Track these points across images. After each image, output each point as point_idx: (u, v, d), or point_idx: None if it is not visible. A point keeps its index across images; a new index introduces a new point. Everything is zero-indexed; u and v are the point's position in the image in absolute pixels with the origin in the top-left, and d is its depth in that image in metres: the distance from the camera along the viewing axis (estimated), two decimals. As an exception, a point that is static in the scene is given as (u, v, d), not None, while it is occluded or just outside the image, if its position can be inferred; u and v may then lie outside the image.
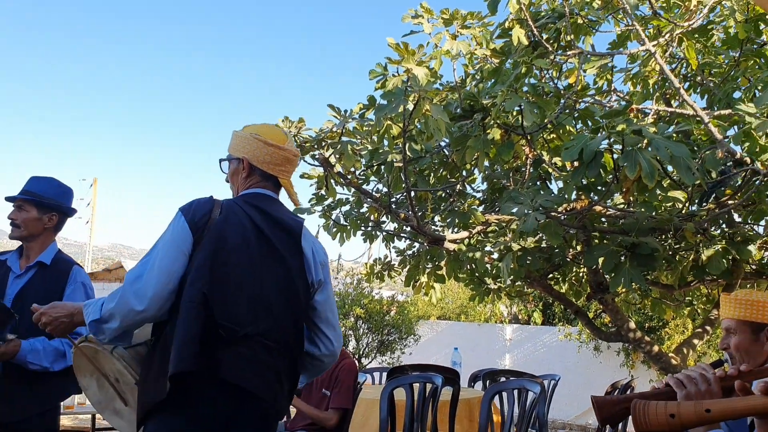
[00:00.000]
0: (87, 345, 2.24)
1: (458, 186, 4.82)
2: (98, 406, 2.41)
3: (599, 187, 4.11)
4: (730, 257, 4.44)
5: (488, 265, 5.12)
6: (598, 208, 4.41)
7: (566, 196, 4.24)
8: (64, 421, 7.67)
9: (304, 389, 4.44)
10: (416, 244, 5.78)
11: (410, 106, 3.66)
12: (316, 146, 4.52)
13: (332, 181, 4.60)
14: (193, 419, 2.06)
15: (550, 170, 4.60)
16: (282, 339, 2.21)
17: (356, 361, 4.47)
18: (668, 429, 1.17)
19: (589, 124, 4.28)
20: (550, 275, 5.54)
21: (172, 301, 2.08)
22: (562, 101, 4.07)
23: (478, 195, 5.49)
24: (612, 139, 3.42)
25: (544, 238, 4.73)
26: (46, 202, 2.98)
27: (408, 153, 4.20)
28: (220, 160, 2.43)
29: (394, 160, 4.39)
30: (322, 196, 4.89)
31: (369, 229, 5.26)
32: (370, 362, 10.48)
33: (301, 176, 5.07)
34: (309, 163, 4.71)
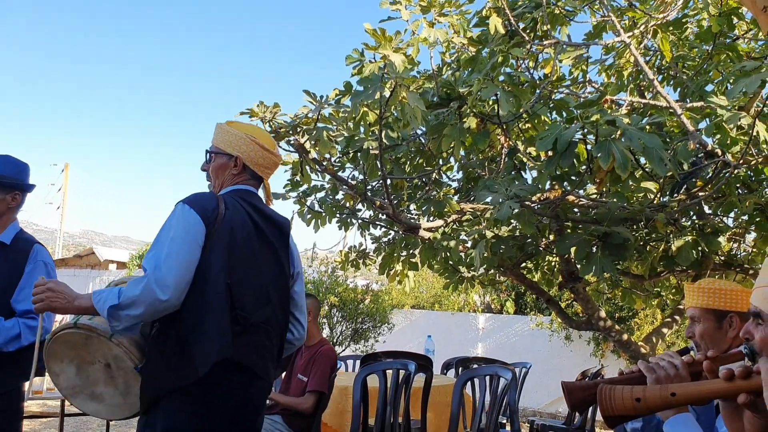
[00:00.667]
0: (74, 332, 2.30)
1: (434, 174, 4.83)
2: (70, 390, 2.43)
3: (572, 177, 4.15)
4: (700, 248, 4.52)
5: (462, 254, 5.15)
6: (571, 197, 4.45)
7: (540, 186, 4.28)
8: (33, 407, 7.58)
9: (284, 379, 4.45)
10: (391, 233, 5.79)
11: (387, 93, 3.66)
12: (291, 132, 4.48)
13: (307, 167, 4.57)
14: (209, 402, 2.21)
15: (525, 160, 4.62)
16: (277, 326, 2.43)
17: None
18: (634, 413, 1.18)
19: (564, 114, 4.32)
20: (523, 264, 5.59)
21: (187, 291, 2.18)
22: (538, 91, 4.09)
23: (454, 184, 5.51)
24: (586, 130, 3.45)
25: (517, 226, 4.77)
26: (7, 182, 2.93)
27: (384, 140, 4.20)
28: (208, 151, 2.53)
29: (370, 147, 4.38)
30: (297, 182, 4.86)
31: (344, 216, 5.25)
32: (344, 350, 10.50)
33: (276, 163, 5.03)
34: (284, 149, 4.68)
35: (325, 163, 4.71)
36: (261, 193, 2.58)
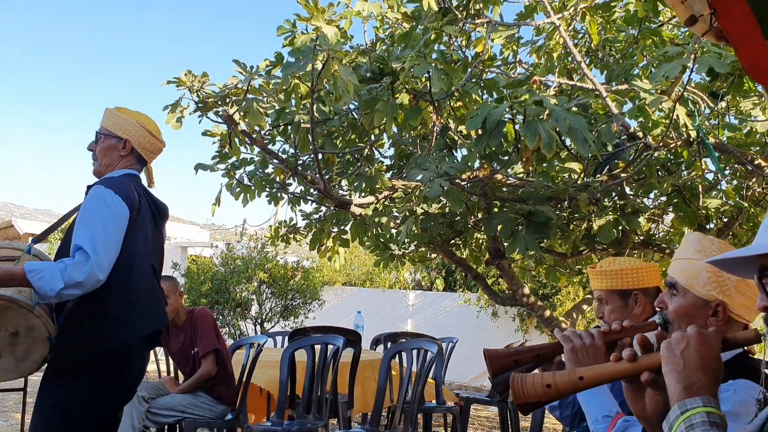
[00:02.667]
0: None
1: (366, 150, 4.82)
2: None
3: (501, 156, 4.22)
4: (620, 227, 4.68)
5: (393, 231, 5.17)
6: (499, 176, 4.53)
7: (469, 164, 4.33)
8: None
9: (180, 366, 4.40)
10: (323, 208, 5.75)
11: (319, 66, 3.60)
12: (219, 102, 4.37)
13: (236, 139, 4.48)
14: (127, 368, 2.57)
15: (456, 138, 4.67)
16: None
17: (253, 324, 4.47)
18: (546, 399, 1.21)
19: (494, 94, 4.37)
20: (452, 241, 5.67)
21: None
22: (470, 70, 4.12)
23: (386, 161, 5.51)
24: (514, 110, 3.50)
25: (447, 204, 4.82)
26: None
27: (316, 114, 4.15)
28: (98, 133, 2.71)
29: (302, 120, 4.32)
30: (226, 154, 4.75)
31: (274, 191, 5.17)
32: (273, 326, 10.44)
33: (204, 134, 4.90)
34: (212, 120, 4.56)
35: (255, 136, 4.62)
36: (143, 175, 2.81)
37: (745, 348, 1.76)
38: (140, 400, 3.96)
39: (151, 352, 4.64)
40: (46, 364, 2.51)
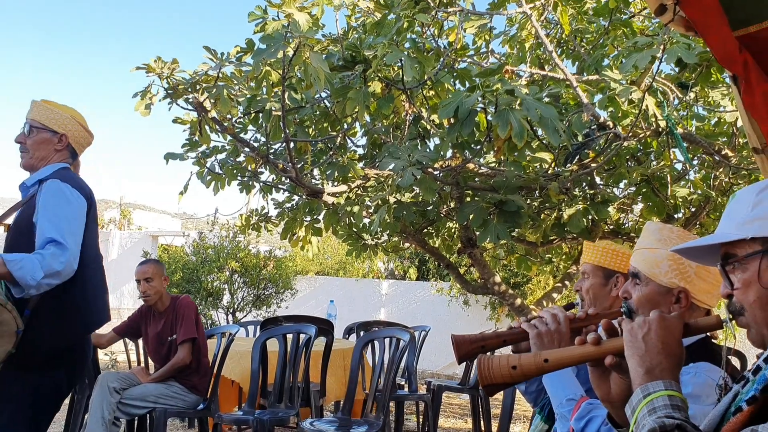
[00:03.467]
0: None
1: (338, 139, 4.79)
2: None
3: (473, 145, 4.23)
4: (590, 217, 4.74)
5: (366, 220, 5.16)
6: (471, 166, 4.54)
7: (442, 153, 4.33)
8: None
9: (153, 352, 4.35)
10: (295, 197, 5.72)
11: (290, 53, 3.57)
12: (190, 90, 4.31)
13: (206, 127, 4.42)
14: (85, 354, 2.70)
15: (429, 127, 4.67)
16: None
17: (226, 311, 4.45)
18: (511, 380, 1.22)
19: (467, 83, 4.37)
20: (425, 230, 5.68)
21: None
22: (442, 59, 4.12)
23: (359, 150, 5.50)
24: (486, 99, 3.52)
25: (420, 193, 4.83)
26: None
27: (287, 102, 4.11)
28: (31, 126, 2.69)
29: (273, 108, 4.28)
30: (196, 142, 4.69)
31: (246, 179, 5.13)
32: (245, 316, 10.38)
33: (174, 121, 4.84)
34: (182, 107, 4.50)
35: (226, 124, 4.57)
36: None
37: (708, 334, 1.79)
38: (111, 391, 3.91)
39: (121, 341, 4.63)
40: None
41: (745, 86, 2.00)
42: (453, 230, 5.97)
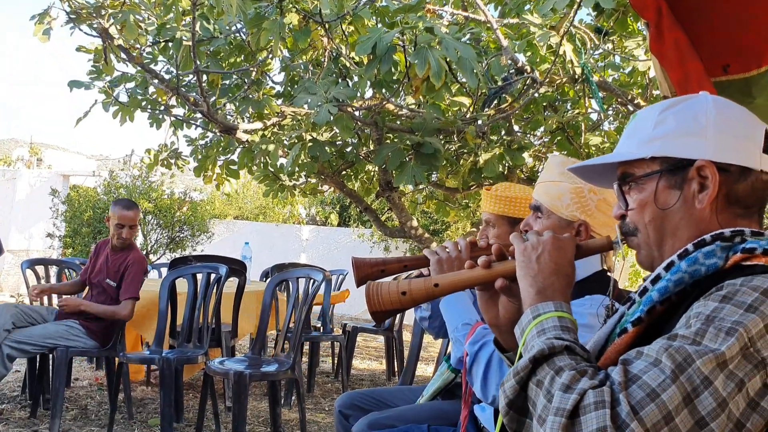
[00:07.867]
0: None
1: (254, 73, 4.61)
2: None
3: (391, 84, 4.16)
4: (506, 162, 4.77)
5: (283, 160, 5.03)
6: (391, 107, 4.47)
7: (360, 92, 4.24)
8: None
9: (90, 276, 4.19)
10: (209, 134, 5.51)
11: (200, -24, 3.37)
12: (94, 15, 4.03)
13: (112, 55, 4.15)
14: None
15: (348, 65, 4.55)
16: None
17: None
18: (400, 306, 1.19)
19: (387, 21, 4.27)
20: (343, 172, 5.61)
21: None
22: (363, -7, 3.99)
23: (277, 87, 5.32)
24: (405, 36, 3.44)
25: (337, 132, 4.74)
26: None
27: (198, 31, 3.90)
28: None
29: (184, 37, 4.06)
30: (102, 70, 4.41)
31: (156, 113, 4.88)
32: (159, 258, 10.10)
33: (78, 49, 4.53)
34: (87, 34, 4.20)
35: (134, 54, 4.30)
36: None
37: (605, 267, 1.83)
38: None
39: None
40: None
41: (654, 33, 1.99)
42: (372, 173, 5.93)
